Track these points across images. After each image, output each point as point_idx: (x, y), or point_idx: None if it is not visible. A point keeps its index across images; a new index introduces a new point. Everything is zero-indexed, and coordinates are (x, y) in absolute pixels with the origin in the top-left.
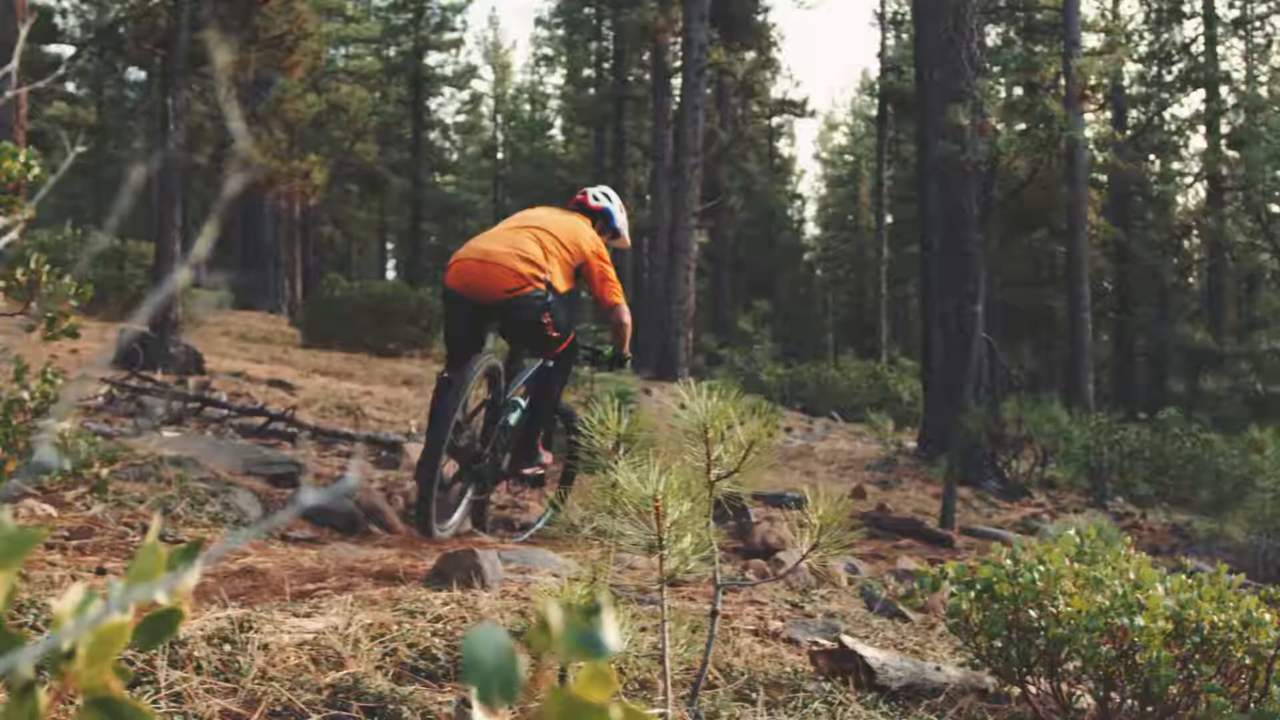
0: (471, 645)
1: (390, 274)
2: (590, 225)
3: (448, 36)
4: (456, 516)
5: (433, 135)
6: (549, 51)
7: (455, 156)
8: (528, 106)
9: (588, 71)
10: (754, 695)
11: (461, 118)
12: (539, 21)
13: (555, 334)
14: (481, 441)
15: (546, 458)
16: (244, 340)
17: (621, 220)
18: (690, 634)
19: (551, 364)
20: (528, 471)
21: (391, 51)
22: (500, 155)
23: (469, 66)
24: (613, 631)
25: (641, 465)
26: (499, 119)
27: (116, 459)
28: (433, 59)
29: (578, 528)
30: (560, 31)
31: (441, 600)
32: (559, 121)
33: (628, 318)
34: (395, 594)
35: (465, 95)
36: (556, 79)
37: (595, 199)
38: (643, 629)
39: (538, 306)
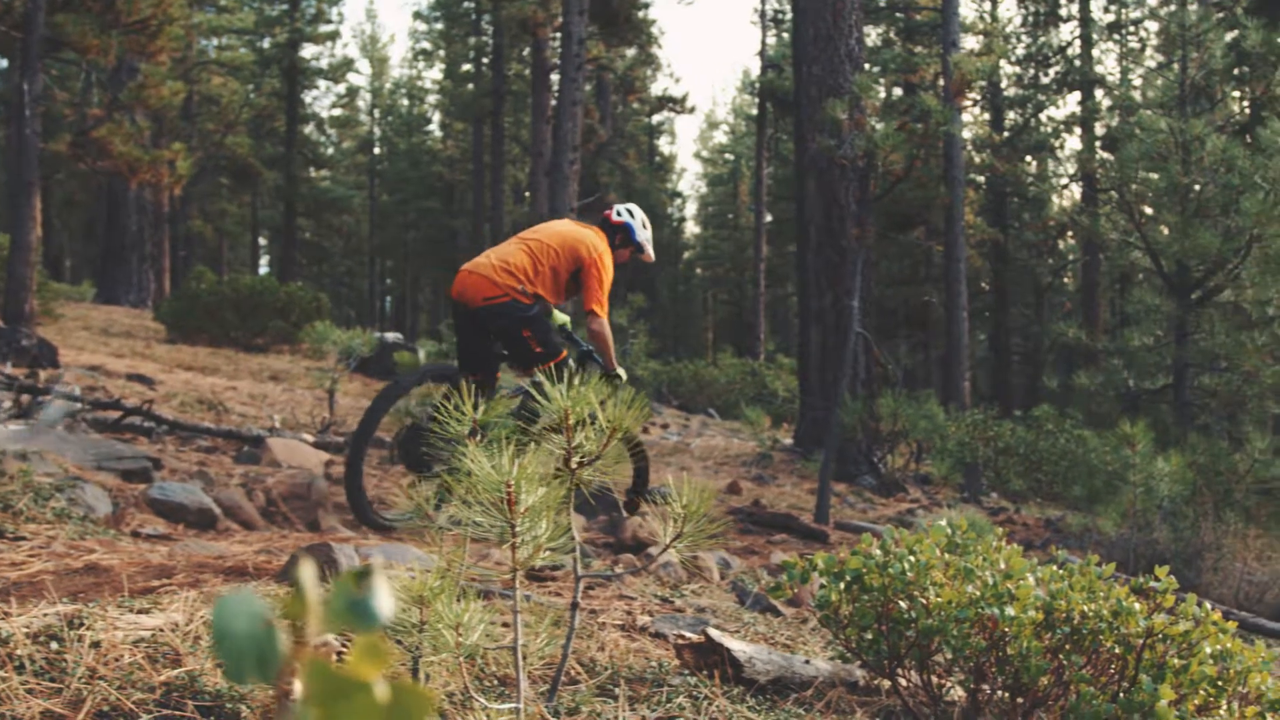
0: (222, 615)
1: (263, 270)
2: (606, 238)
3: (323, 29)
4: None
5: (307, 129)
6: (427, 46)
7: (330, 151)
8: (405, 101)
9: (466, 66)
10: (617, 690)
11: (337, 111)
12: (417, 15)
13: (538, 350)
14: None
15: None
16: (105, 335)
17: (644, 235)
18: (552, 628)
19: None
20: None
21: (265, 43)
22: (377, 150)
23: (345, 60)
24: (385, 598)
25: (497, 452)
26: (376, 113)
27: None
28: (308, 51)
29: (432, 518)
30: (439, 26)
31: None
32: (437, 116)
33: (598, 326)
34: (243, 590)
35: (341, 89)
36: (435, 73)
37: (618, 214)
38: (504, 624)
39: (516, 318)
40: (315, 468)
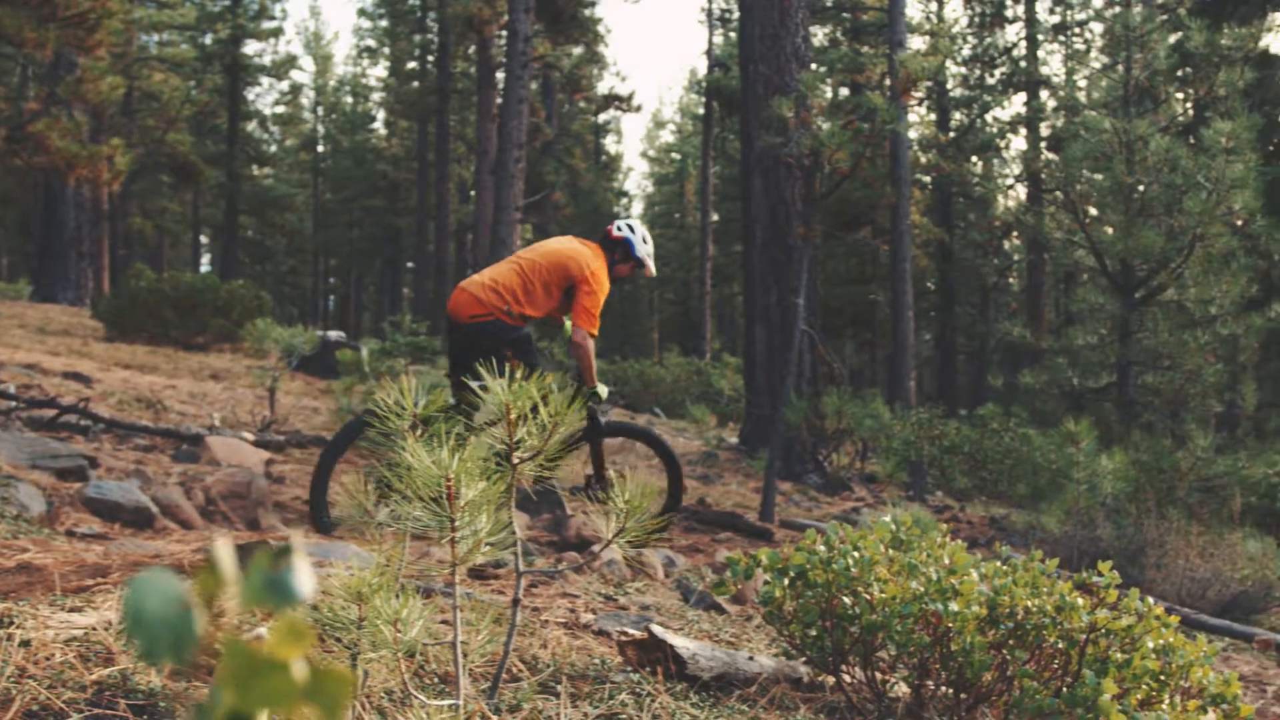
0: (136, 595)
1: (205, 268)
2: (604, 254)
3: (266, 25)
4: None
5: (250, 126)
6: (372, 43)
7: (273, 148)
8: (349, 99)
9: (411, 64)
10: (559, 687)
11: (280, 109)
12: (362, 12)
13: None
14: None
15: None
16: (42, 333)
17: (644, 250)
18: (493, 625)
19: None
20: None
21: (207, 39)
22: (320, 148)
23: (289, 56)
24: (305, 576)
25: (437, 447)
26: (319, 111)
27: None
28: (251, 48)
29: (371, 514)
30: (384, 23)
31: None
32: (381, 114)
33: (580, 340)
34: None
35: (284, 86)
36: (379, 71)
37: (617, 230)
38: (445, 621)
39: (498, 336)
40: (256, 466)
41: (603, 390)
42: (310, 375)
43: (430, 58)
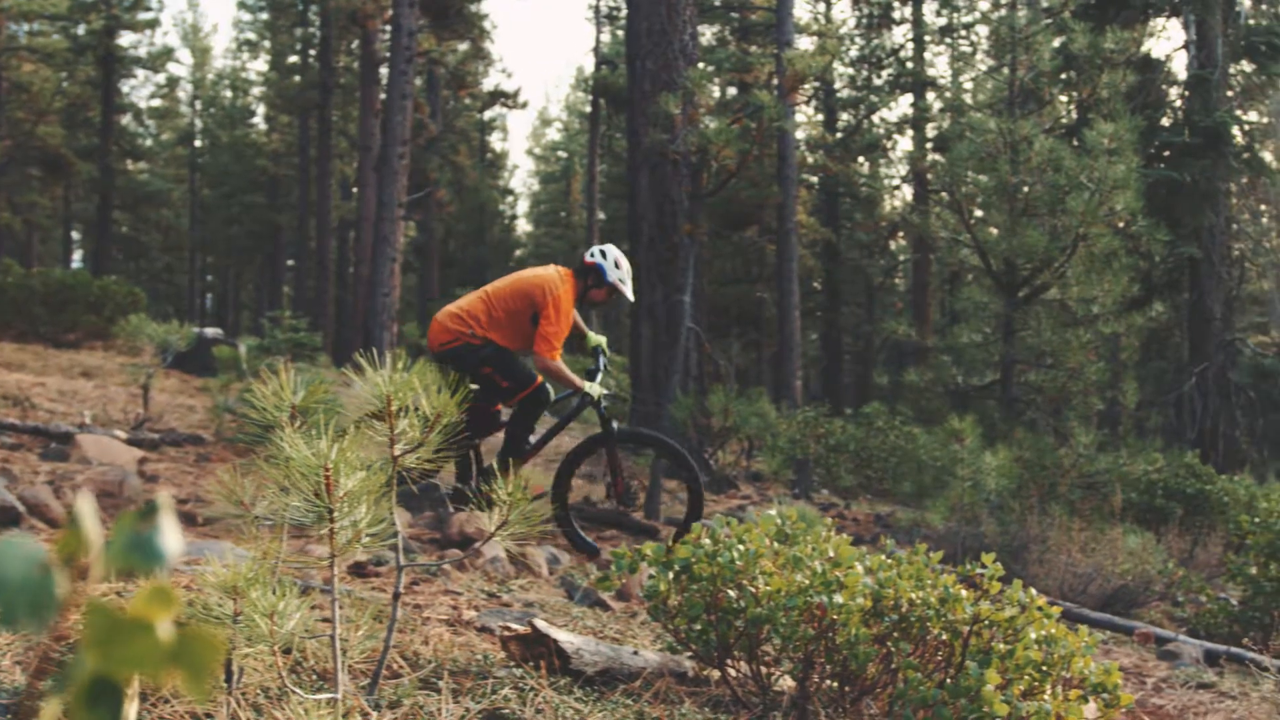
0: None
1: (77, 264)
2: (574, 280)
3: (142, 16)
4: None
5: (124, 119)
6: (252, 36)
7: (149, 142)
8: (228, 93)
9: (293, 58)
10: (440, 683)
11: (156, 102)
12: (241, 5)
13: (505, 384)
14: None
15: (533, 489)
16: None
17: (616, 274)
18: (373, 622)
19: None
20: None
21: (80, 30)
22: (198, 142)
23: (165, 48)
24: (172, 536)
25: (316, 437)
26: (197, 105)
27: None
28: (125, 39)
29: (247, 508)
30: (264, 16)
31: (100, 593)
32: (262, 109)
33: (542, 365)
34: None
35: (161, 79)
36: (260, 65)
37: (590, 256)
38: (324, 619)
39: (471, 358)
40: (128, 465)
41: (594, 390)
42: (186, 373)
43: (312, 52)
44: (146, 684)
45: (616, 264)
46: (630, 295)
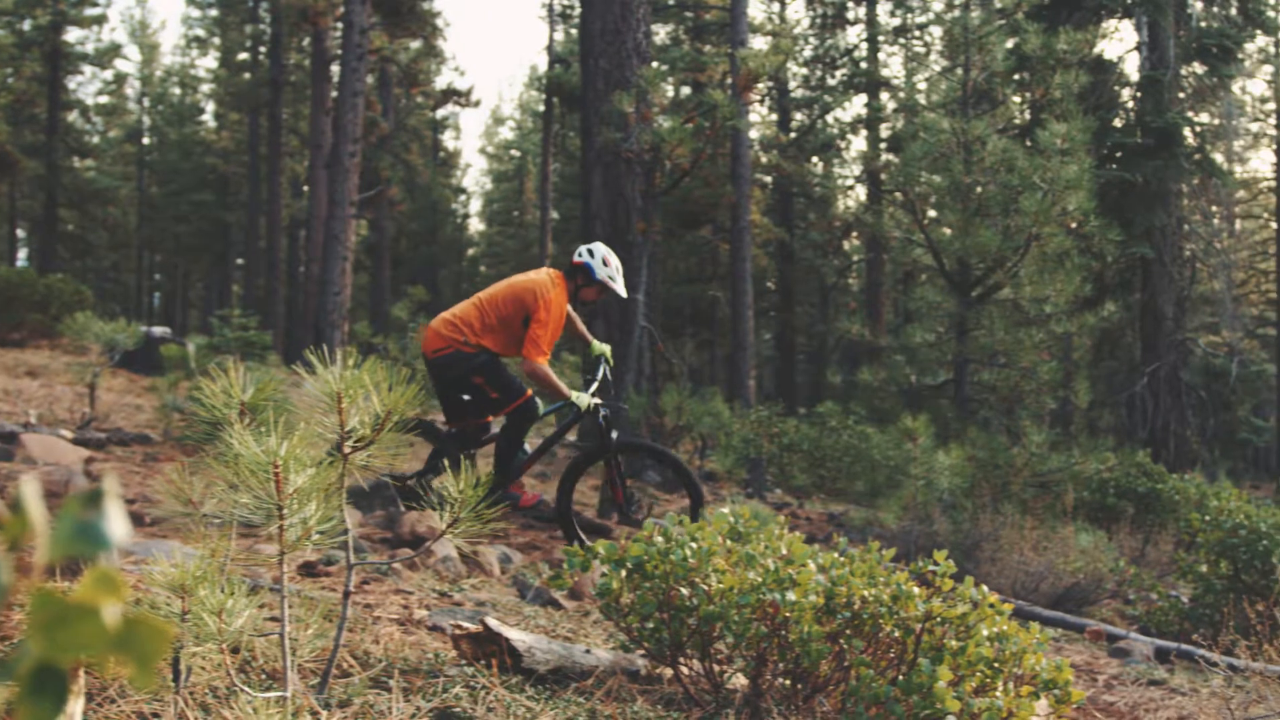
0: None
1: (22, 262)
2: (565, 281)
3: (89, 12)
4: None
5: (71, 116)
6: (201, 33)
7: (96, 139)
8: (177, 90)
9: (243, 55)
10: (391, 682)
11: (104, 99)
12: (191, 1)
13: (495, 395)
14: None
15: (528, 498)
16: None
17: (604, 272)
18: (323, 621)
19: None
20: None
21: (26, 25)
22: (146, 140)
23: (113, 45)
24: (118, 520)
25: (266, 434)
26: (145, 102)
27: None
28: (72, 35)
29: (196, 505)
30: (214, 12)
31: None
32: (211, 106)
33: (529, 369)
34: None
35: (108, 75)
36: (209, 62)
37: (578, 255)
38: (273, 618)
39: (463, 367)
40: (74, 464)
41: (583, 400)
42: (134, 372)
43: (262, 49)
44: (93, 684)
45: (605, 261)
46: (622, 291)
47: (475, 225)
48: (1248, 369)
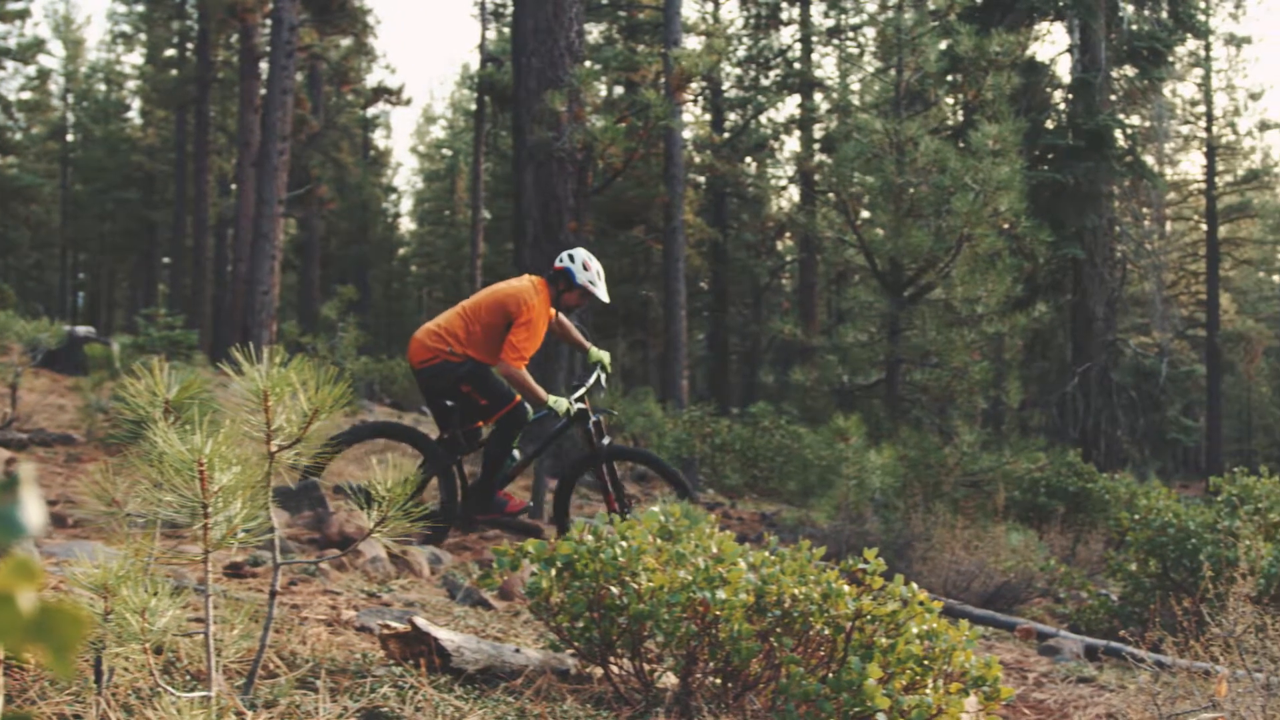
0: None
1: None
2: (547, 287)
3: (11, 6)
4: None
5: None
6: (127, 29)
7: (18, 136)
8: (102, 86)
9: (170, 51)
10: (318, 682)
11: (26, 95)
12: None
13: (483, 402)
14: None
15: (514, 504)
16: None
17: (586, 276)
18: (249, 621)
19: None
20: (481, 518)
21: None
22: (70, 136)
23: (36, 40)
24: (34, 508)
25: (191, 433)
26: (70, 98)
27: None
28: None
29: (119, 504)
30: (140, 8)
31: None
32: (137, 103)
33: (505, 371)
34: None
35: (31, 71)
36: (135, 58)
37: (559, 261)
38: (199, 619)
39: (449, 376)
40: None
41: (560, 404)
42: (57, 372)
43: (190, 45)
44: (13, 685)
45: (585, 266)
46: (604, 296)
47: (406, 224)
48: (1177, 369)
